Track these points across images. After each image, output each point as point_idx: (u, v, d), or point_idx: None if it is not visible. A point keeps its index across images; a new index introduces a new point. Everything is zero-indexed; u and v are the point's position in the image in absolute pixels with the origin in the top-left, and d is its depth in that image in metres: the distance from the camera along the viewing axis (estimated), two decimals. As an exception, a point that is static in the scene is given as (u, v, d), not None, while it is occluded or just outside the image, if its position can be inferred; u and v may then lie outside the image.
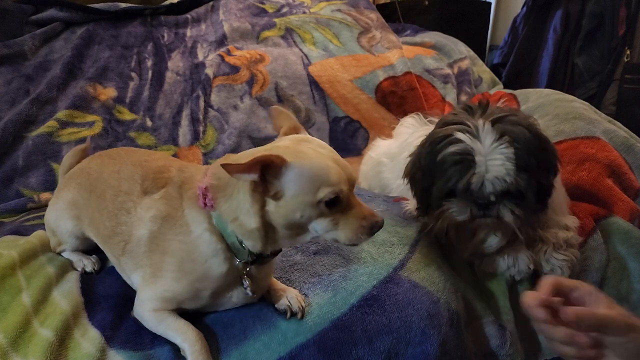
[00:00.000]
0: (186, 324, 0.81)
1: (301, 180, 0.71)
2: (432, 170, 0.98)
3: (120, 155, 1.00)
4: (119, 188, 0.92)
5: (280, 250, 0.85)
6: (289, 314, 0.84)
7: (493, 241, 1.04)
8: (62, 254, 1.07)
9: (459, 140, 0.94)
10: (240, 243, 0.78)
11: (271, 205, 0.73)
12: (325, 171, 0.72)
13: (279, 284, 0.90)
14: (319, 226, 0.74)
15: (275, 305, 0.87)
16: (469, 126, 0.95)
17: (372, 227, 0.74)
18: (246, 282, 0.83)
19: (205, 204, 0.78)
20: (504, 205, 0.96)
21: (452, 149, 0.94)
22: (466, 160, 0.93)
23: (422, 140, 1.05)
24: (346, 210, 0.74)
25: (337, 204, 0.73)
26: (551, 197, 1.05)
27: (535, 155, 0.94)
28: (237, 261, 0.80)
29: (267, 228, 0.75)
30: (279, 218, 0.74)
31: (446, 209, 0.98)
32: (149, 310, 0.84)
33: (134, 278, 0.90)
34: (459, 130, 0.95)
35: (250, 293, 0.83)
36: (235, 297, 0.85)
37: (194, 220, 0.80)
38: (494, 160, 0.92)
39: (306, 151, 0.74)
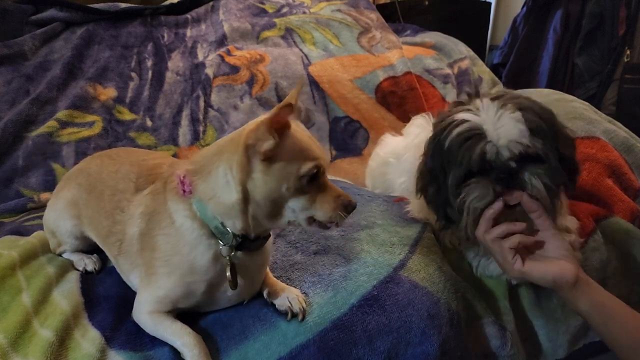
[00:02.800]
0: (184, 327, 0.81)
1: (293, 150, 0.73)
2: (444, 162, 0.93)
3: (119, 155, 1.00)
4: (115, 187, 0.92)
5: (268, 236, 0.84)
6: (289, 315, 0.84)
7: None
8: (63, 255, 1.07)
9: (463, 121, 0.90)
10: (223, 225, 0.78)
11: (257, 174, 0.73)
12: (310, 145, 0.75)
13: (279, 283, 0.90)
14: (297, 204, 0.75)
15: (276, 306, 0.86)
16: (467, 107, 0.92)
17: (347, 206, 0.76)
18: (227, 272, 0.80)
19: (184, 191, 0.78)
20: (528, 172, 0.87)
21: (458, 130, 0.90)
22: (475, 134, 0.88)
23: (424, 151, 1.00)
24: (322, 189, 0.76)
25: (315, 180, 0.75)
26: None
27: (543, 119, 0.89)
28: (222, 245, 0.79)
29: (246, 203, 0.75)
30: (262, 189, 0.74)
31: (467, 195, 0.90)
32: (146, 312, 0.83)
33: (132, 278, 0.90)
34: (459, 112, 0.92)
35: (230, 287, 0.81)
36: (230, 291, 0.84)
37: (175, 210, 0.80)
38: (504, 126, 0.86)
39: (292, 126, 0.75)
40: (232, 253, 0.80)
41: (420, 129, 1.34)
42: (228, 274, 0.80)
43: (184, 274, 0.81)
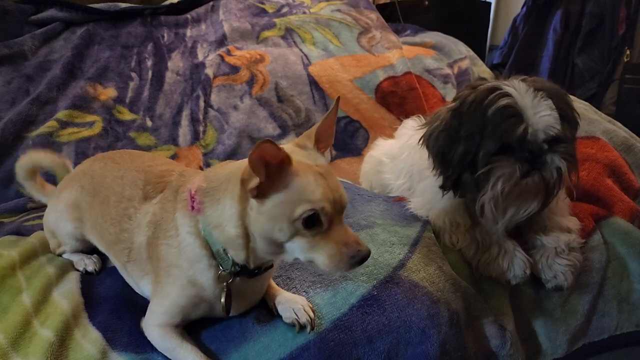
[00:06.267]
0: (193, 348, 0.79)
1: (290, 189, 0.67)
2: (480, 128, 0.97)
3: (124, 160, 0.99)
4: (122, 194, 0.91)
5: (271, 266, 0.82)
6: (297, 328, 0.81)
7: (530, 207, 1.02)
8: (63, 255, 1.07)
9: (507, 94, 0.95)
10: (224, 252, 0.76)
11: (253, 211, 0.70)
12: (309, 186, 0.68)
13: (285, 295, 0.86)
14: (296, 246, 0.69)
15: (283, 318, 0.83)
16: (506, 84, 0.97)
17: (354, 257, 0.69)
18: (222, 298, 0.78)
19: (193, 207, 0.76)
20: (554, 153, 0.96)
21: (503, 101, 0.95)
22: (516, 113, 0.94)
23: (450, 105, 1.03)
24: (327, 233, 0.69)
25: (316, 225, 0.68)
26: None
27: (567, 104, 1.00)
28: (221, 270, 0.77)
29: (248, 238, 0.72)
30: (257, 227, 0.70)
31: (493, 169, 0.96)
32: (156, 324, 0.82)
33: (142, 285, 0.89)
34: (504, 85, 0.97)
35: (222, 312, 0.79)
36: (237, 303, 0.83)
37: (181, 223, 0.79)
38: (541, 112, 0.94)
39: (298, 160, 0.70)
40: (230, 280, 0.77)
41: (412, 131, 1.34)
42: (222, 300, 0.78)
43: (185, 286, 0.79)
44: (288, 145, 0.76)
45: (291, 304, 0.84)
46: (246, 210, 0.70)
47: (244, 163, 0.70)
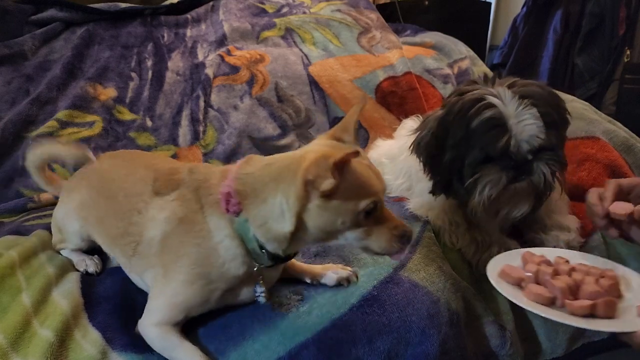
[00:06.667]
0: (193, 348, 0.80)
1: (352, 186, 0.71)
2: (464, 138, 0.98)
3: (132, 158, 1.01)
4: (130, 189, 0.91)
5: (297, 253, 0.86)
6: (346, 283, 0.89)
7: (522, 209, 1.04)
8: (62, 252, 1.07)
9: (491, 105, 0.95)
10: (261, 248, 0.78)
11: (313, 209, 0.72)
12: (369, 180, 0.73)
13: (314, 267, 0.92)
14: (352, 235, 0.74)
15: (328, 284, 0.90)
16: (492, 92, 0.97)
17: (403, 236, 0.75)
18: (260, 289, 0.83)
19: (228, 210, 0.77)
20: (539, 162, 0.97)
21: (487, 114, 0.95)
22: (500, 124, 0.94)
23: (438, 113, 1.03)
24: (379, 221, 0.75)
25: (372, 214, 0.73)
26: (551, 197, 1.06)
27: (555, 110, 0.99)
28: (257, 265, 0.80)
29: (297, 232, 0.74)
30: (318, 222, 0.73)
31: (480, 177, 0.97)
32: (154, 323, 0.82)
33: (145, 277, 0.89)
34: (488, 95, 0.96)
35: (263, 300, 0.83)
36: (244, 295, 0.85)
37: (216, 227, 0.80)
38: (524, 121, 0.94)
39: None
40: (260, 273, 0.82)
41: (411, 131, 1.34)
42: (260, 291, 0.83)
43: (207, 283, 0.81)
44: (326, 139, 0.80)
45: (327, 269, 0.91)
46: (306, 207, 0.72)
47: (292, 162, 0.74)
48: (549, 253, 0.87)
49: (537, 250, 0.87)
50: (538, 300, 0.73)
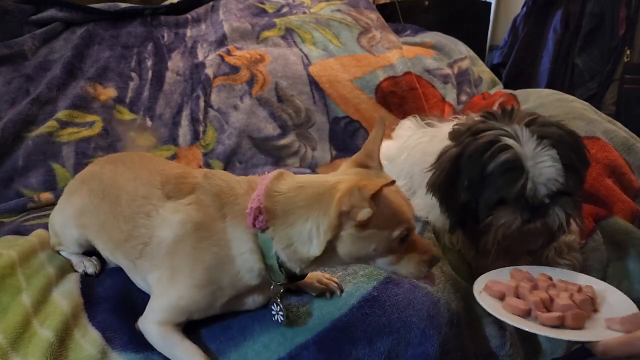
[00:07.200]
0: (194, 347, 0.79)
1: (385, 215, 0.71)
2: (478, 182, 0.96)
3: (134, 163, 0.99)
4: (135, 193, 0.90)
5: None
6: (328, 295, 0.89)
7: (532, 246, 1.02)
8: (61, 252, 1.07)
9: (507, 147, 0.92)
10: (279, 266, 0.78)
11: (345, 237, 0.72)
12: (401, 208, 0.74)
13: None
14: (383, 261, 0.75)
15: (314, 294, 0.89)
16: (507, 132, 0.94)
17: (432, 261, 0.77)
18: (277, 307, 0.82)
19: (255, 225, 0.76)
20: (555, 205, 0.94)
21: (502, 157, 0.92)
22: (516, 167, 0.91)
23: (452, 152, 1.00)
24: (410, 245, 0.75)
25: (404, 241, 0.74)
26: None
27: (574, 152, 0.96)
28: (274, 283, 0.80)
29: (323, 256, 0.74)
30: (349, 249, 0.73)
31: (495, 219, 0.95)
32: (155, 321, 0.82)
33: (150, 279, 0.88)
34: (503, 136, 0.93)
35: (282, 319, 0.83)
36: (250, 303, 0.85)
37: (238, 239, 0.79)
38: (542, 163, 0.91)
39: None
40: (281, 290, 0.82)
41: (410, 131, 1.34)
42: (280, 308, 0.83)
43: (216, 289, 0.81)
44: (352, 166, 0.79)
45: (312, 278, 0.90)
46: (338, 235, 0.72)
47: (325, 191, 0.73)
48: (536, 270, 0.93)
49: (525, 268, 0.93)
50: (514, 311, 0.80)
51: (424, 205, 1.15)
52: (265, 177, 0.80)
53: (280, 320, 0.83)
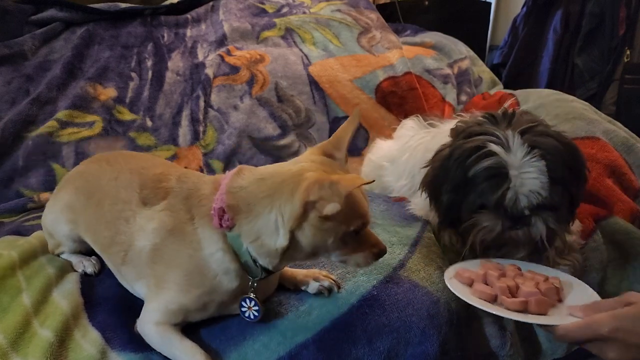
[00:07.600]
0: (194, 346, 0.79)
1: (346, 210, 0.71)
2: (462, 185, 0.96)
3: (118, 161, 0.98)
4: (116, 196, 0.90)
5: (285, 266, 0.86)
6: (327, 293, 0.88)
7: (520, 254, 1.02)
8: (61, 255, 1.07)
9: (492, 153, 0.91)
10: (254, 262, 0.78)
11: (307, 228, 0.72)
12: (360, 202, 0.75)
13: (300, 272, 0.91)
14: (337, 252, 0.76)
15: (310, 292, 0.89)
16: (498, 137, 0.92)
17: (379, 254, 0.78)
18: (251, 302, 0.82)
19: (221, 225, 0.76)
20: (537, 217, 0.93)
21: (485, 163, 0.91)
22: (500, 174, 0.90)
23: (445, 152, 1.01)
24: (361, 239, 0.77)
25: (358, 234, 0.76)
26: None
27: (567, 166, 0.93)
28: (250, 279, 0.80)
29: (289, 248, 0.74)
30: (310, 240, 0.73)
31: (476, 222, 0.96)
32: (153, 322, 0.82)
33: (137, 287, 0.88)
34: (491, 142, 0.92)
35: (255, 315, 0.82)
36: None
37: (207, 239, 0.79)
38: (527, 174, 0.89)
39: (343, 176, 0.73)
40: (255, 285, 0.81)
41: (412, 131, 1.34)
42: (255, 302, 0.82)
43: (203, 294, 0.80)
44: (317, 154, 0.79)
45: (309, 277, 0.90)
46: (301, 225, 0.72)
47: (288, 179, 0.73)
48: (505, 262, 0.96)
49: (496, 260, 0.97)
50: (481, 296, 0.84)
51: (424, 205, 1.15)
52: (226, 176, 0.80)
53: (253, 317, 0.82)
